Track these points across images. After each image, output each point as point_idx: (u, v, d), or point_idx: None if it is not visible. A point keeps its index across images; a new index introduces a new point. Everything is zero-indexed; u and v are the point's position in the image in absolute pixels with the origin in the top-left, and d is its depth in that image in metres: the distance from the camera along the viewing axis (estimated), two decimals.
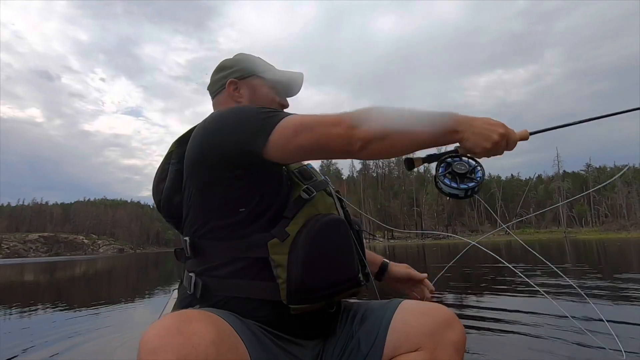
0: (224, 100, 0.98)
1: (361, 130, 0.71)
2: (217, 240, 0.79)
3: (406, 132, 0.73)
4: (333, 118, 0.74)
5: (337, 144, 0.73)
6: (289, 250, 0.74)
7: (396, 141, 0.73)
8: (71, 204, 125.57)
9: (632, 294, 3.67)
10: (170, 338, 0.52)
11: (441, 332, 0.78)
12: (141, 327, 3.29)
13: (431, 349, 0.76)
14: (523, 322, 2.72)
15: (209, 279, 0.78)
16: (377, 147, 0.72)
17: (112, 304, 4.62)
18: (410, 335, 0.78)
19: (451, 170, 0.79)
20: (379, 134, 0.72)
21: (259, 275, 0.75)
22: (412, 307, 0.84)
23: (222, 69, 1.00)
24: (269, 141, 0.74)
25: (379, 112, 0.73)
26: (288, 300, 0.73)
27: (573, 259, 9.08)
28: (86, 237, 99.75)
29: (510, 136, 0.77)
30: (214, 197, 0.79)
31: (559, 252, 11.75)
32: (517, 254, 11.95)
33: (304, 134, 0.73)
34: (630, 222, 48.21)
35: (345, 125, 0.72)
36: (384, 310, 0.84)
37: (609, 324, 1.54)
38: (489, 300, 3.69)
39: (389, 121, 0.72)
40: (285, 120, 0.75)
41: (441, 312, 0.82)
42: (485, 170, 0.80)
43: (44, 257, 65.78)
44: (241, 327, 0.66)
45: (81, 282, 9.07)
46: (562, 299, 3.65)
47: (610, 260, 8.64)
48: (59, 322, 3.53)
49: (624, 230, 43.03)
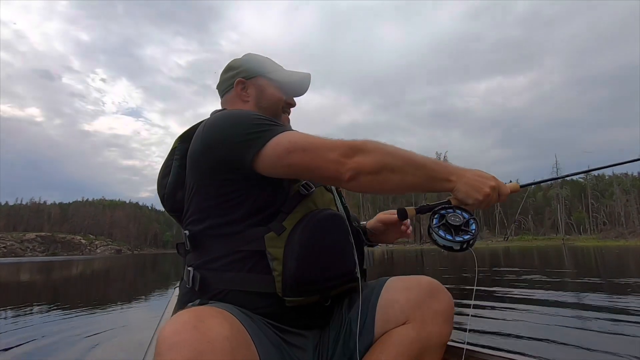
0: (232, 99, 0.99)
1: (355, 160, 0.72)
2: (215, 235, 0.80)
3: (400, 172, 0.73)
4: (328, 143, 0.74)
5: (327, 170, 0.73)
6: (285, 244, 0.75)
7: (388, 178, 0.73)
8: (69, 203, 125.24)
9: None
10: (186, 334, 0.54)
11: (427, 302, 0.80)
12: (137, 328, 3.27)
13: (419, 321, 0.78)
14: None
15: (207, 272, 0.79)
16: (368, 180, 0.73)
17: (108, 305, 4.60)
18: (397, 310, 0.80)
19: (445, 222, 0.77)
20: (373, 167, 0.72)
21: (256, 268, 0.76)
22: (397, 283, 0.86)
23: (231, 69, 1.01)
24: (260, 155, 0.75)
25: (376, 146, 0.74)
26: (283, 292, 0.74)
27: (571, 266, 9.07)
28: (84, 237, 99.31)
29: (502, 189, 0.79)
30: (212, 195, 0.81)
31: (557, 259, 11.74)
32: (514, 259, 11.93)
33: (295, 153, 0.73)
34: (629, 230, 48.18)
35: (339, 152, 0.73)
36: (371, 290, 0.87)
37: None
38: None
39: (385, 157, 0.73)
40: (280, 136, 0.75)
41: (425, 283, 0.83)
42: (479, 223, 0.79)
43: (40, 257, 65.42)
44: (248, 322, 0.67)
45: (77, 283, 9.03)
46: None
47: (608, 267, 8.63)
48: (53, 322, 3.51)
49: (622, 238, 43.01)
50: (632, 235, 43.82)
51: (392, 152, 0.75)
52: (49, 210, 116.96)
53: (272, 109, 0.98)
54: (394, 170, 0.73)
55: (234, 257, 0.78)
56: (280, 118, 0.99)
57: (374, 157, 0.73)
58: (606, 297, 4.21)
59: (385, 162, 0.73)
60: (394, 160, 0.74)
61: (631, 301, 3.85)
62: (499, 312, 3.47)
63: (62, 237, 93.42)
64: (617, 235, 46.57)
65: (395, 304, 0.81)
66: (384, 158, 0.73)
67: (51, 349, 2.54)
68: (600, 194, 63.83)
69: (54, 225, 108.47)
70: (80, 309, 4.33)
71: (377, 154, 0.73)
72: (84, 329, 3.13)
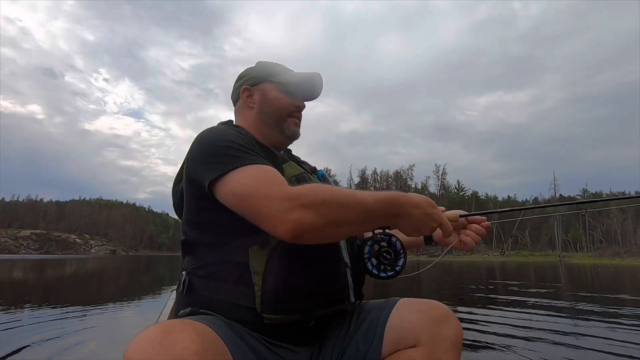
0: (240, 107, 1.00)
1: (295, 217, 0.65)
2: (204, 244, 0.81)
3: (346, 223, 0.69)
4: (271, 192, 0.68)
5: (265, 224, 0.68)
6: (267, 258, 0.73)
7: (333, 232, 0.70)
8: (66, 202, 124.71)
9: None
10: (151, 351, 0.52)
11: (438, 327, 0.78)
12: (131, 331, 3.23)
13: (429, 345, 0.76)
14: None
15: (195, 277, 0.79)
16: (310, 238, 0.68)
17: (100, 306, 4.55)
18: (408, 331, 0.78)
19: (378, 253, 0.80)
20: (315, 224, 0.66)
21: (240, 280, 0.74)
22: (408, 305, 0.84)
23: (240, 78, 1.01)
24: (212, 187, 0.74)
25: (319, 198, 0.67)
26: (261, 308, 0.72)
27: (566, 282, 9.06)
28: (79, 236, 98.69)
29: (443, 226, 0.78)
30: (193, 208, 0.82)
31: (552, 275, 11.71)
32: (510, 273, 11.88)
33: (237, 198, 0.71)
34: (625, 250, 48.14)
35: (279, 207, 0.66)
36: (381, 309, 0.85)
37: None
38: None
39: (329, 210, 0.67)
40: (233, 174, 0.72)
41: (438, 308, 0.82)
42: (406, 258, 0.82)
43: (34, 255, 64.84)
44: (229, 334, 0.65)
45: (70, 282, 8.94)
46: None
47: (604, 283, 8.62)
48: (44, 322, 3.47)
49: (618, 257, 42.97)
50: (627, 254, 43.76)
51: (337, 202, 0.68)
52: (45, 208, 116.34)
53: (275, 114, 0.95)
54: (340, 223, 0.68)
55: (221, 266, 0.77)
56: (286, 122, 0.96)
57: (317, 213, 0.66)
58: (599, 307, 4.21)
59: (329, 217, 0.67)
60: (339, 213, 0.68)
61: (625, 312, 3.85)
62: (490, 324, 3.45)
63: (57, 235, 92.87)
64: (613, 253, 46.52)
65: (406, 324, 0.79)
66: (328, 212, 0.67)
67: (39, 350, 2.50)
68: (598, 212, 63.97)
69: (49, 223, 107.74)
70: (69, 309, 4.28)
71: (321, 208, 0.66)
72: (74, 329, 3.09)
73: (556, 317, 3.85)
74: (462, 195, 76.83)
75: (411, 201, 0.75)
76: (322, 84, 1.00)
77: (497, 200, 76.69)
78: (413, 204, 0.75)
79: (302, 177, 0.88)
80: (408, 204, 0.75)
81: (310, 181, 0.89)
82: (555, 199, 63.76)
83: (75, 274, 12.17)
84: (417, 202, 0.76)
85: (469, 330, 3.15)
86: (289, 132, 0.97)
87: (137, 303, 5.10)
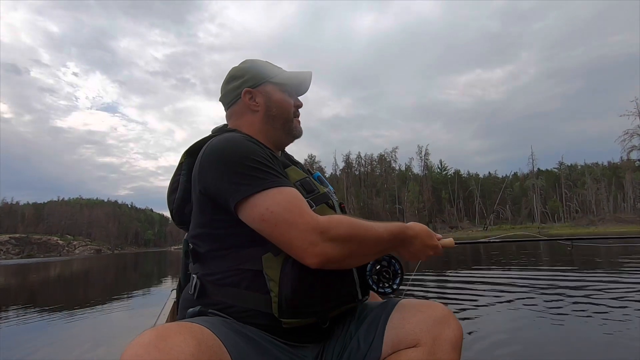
0: (240, 110, 0.97)
1: (322, 248, 0.71)
2: (216, 252, 0.82)
3: (361, 255, 0.79)
4: (302, 223, 0.72)
5: (293, 251, 0.73)
6: (282, 266, 0.75)
7: (350, 263, 0.79)
8: (44, 203, 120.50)
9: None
10: (147, 356, 0.53)
11: (438, 328, 0.80)
12: (128, 332, 3.25)
13: (429, 345, 0.78)
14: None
15: (207, 283, 0.81)
16: (332, 266, 0.74)
17: (86, 309, 4.52)
18: (408, 331, 0.80)
19: (378, 271, 0.91)
20: (339, 256, 0.73)
21: (253, 286, 0.76)
22: (409, 305, 0.86)
23: (234, 79, 0.98)
24: (238, 207, 0.75)
25: (346, 232, 0.74)
26: (279, 314, 0.74)
27: (545, 251, 9.51)
28: (61, 238, 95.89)
29: (438, 252, 0.92)
30: (207, 220, 0.82)
31: (532, 248, 12.25)
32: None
33: (266, 224, 0.73)
34: (598, 218, 50.49)
35: (309, 238, 0.71)
36: (382, 309, 0.87)
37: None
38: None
39: (352, 244, 0.75)
40: (260, 196, 0.74)
41: (438, 309, 0.84)
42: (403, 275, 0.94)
43: (15, 259, 62.94)
44: (228, 334, 0.66)
45: (55, 286, 8.78)
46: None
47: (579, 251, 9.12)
48: (31, 330, 3.44)
49: (592, 225, 45.09)
50: (601, 222, 45.96)
51: (360, 238, 0.76)
52: (22, 211, 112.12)
53: (282, 116, 0.96)
54: (357, 255, 0.77)
55: (234, 274, 0.78)
56: (292, 123, 0.98)
57: (342, 247, 0.74)
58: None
59: (352, 251, 0.75)
60: (360, 248, 0.76)
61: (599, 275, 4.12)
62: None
63: (38, 238, 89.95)
64: (588, 222, 48.73)
65: (406, 325, 0.81)
66: (351, 247, 0.75)
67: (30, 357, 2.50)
68: (573, 184, 66.46)
69: (28, 226, 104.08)
70: (55, 313, 4.24)
71: (346, 243, 0.74)
72: (63, 335, 3.08)
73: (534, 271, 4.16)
74: (445, 174, 78.18)
75: (413, 232, 0.87)
76: (310, 82, 1.03)
77: (478, 177, 78.42)
78: (414, 234, 0.87)
79: (305, 181, 0.89)
80: (410, 235, 0.86)
81: (315, 185, 0.91)
82: (533, 172, 65.73)
83: (61, 276, 11.94)
84: (417, 233, 0.88)
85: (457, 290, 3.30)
86: (295, 132, 0.99)
87: (129, 304, 5.07)
